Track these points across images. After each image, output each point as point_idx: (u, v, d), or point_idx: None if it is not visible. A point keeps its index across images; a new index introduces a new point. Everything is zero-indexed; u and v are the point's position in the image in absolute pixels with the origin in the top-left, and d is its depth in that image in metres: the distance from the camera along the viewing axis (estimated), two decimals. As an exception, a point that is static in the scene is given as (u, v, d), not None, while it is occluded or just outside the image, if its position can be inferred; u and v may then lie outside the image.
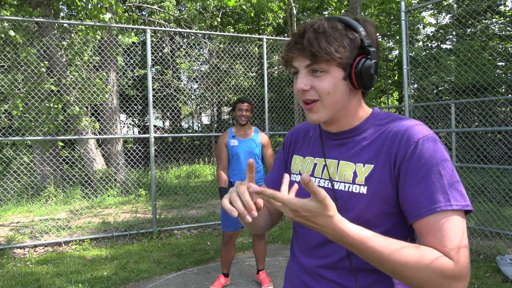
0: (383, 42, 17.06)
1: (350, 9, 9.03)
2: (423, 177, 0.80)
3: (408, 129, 0.86)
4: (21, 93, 6.50)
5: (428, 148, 0.82)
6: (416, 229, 0.81)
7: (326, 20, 0.88)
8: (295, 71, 0.91)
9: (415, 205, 0.80)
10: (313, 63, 0.86)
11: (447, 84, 10.96)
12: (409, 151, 0.82)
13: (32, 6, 7.04)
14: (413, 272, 0.74)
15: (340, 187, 0.91)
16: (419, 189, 0.80)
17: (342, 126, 0.96)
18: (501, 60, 10.83)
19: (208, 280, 3.79)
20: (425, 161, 0.81)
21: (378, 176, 0.86)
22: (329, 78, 0.87)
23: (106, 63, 8.63)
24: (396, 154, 0.84)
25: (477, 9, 10.79)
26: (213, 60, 11.35)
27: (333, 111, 0.90)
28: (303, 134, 1.09)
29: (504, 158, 6.98)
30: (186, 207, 7.24)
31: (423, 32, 15.53)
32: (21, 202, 7.58)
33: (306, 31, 0.86)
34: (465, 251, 0.76)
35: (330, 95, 0.88)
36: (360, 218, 0.85)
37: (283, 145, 1.13)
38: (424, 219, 0.79)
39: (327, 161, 0.96)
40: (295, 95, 0.95)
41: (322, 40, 0.84)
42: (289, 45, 0.89)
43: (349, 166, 0.91)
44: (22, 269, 4.14)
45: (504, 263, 3.69)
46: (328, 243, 0.93)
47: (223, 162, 3.43)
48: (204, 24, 13.02)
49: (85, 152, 8.26)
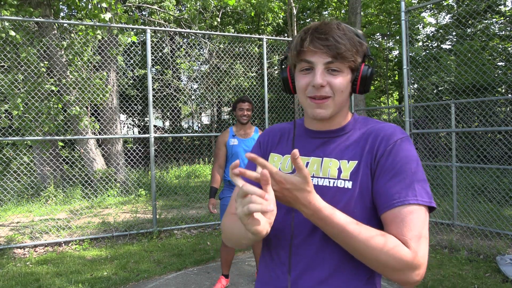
0: (383, 42, 17.05)
1: (350, 9, 9.02)
2: (396, 173, 0.88)
3: (388, 130, 0.94)
4: (21, 93, 6.50)
5: (404, 148, 0.91)
6: (383, 220, 0.88)
7: (343, 23, 0.93)
8: (307, 67, 0.92)
9: (385, 197, 0.87)
10: (333, 61, 0.90)
11: (447, 84, 10.96)
12: (388, 149, 0.91)
13: (32, 6, 7.04)
14: (373, 254, 0.81)
15: (325, 183, 0.94)
16: (391, 183, 0.88)
17: (333, 125, 1.00)
18: (501, 60, 10.83)
19: (208, 280, 3.79)
20: (400, 159, 0.89)
21: (362, 172, 0.92)
22: (343, 77, 0.92)
23: (106, 63, 8.63)
24: (377, 152, 0.92)
25: (477, 9, 10.79)
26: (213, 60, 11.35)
27: (338, 109, 0.95)
28: (280, 134, 1.10)
29: (504, 158, 6.98)
30: (186, 207, 7.24)
31: (423, 32, 15.53)
32: (21, 202, 7.58)
33: (331, 29, 0.89)
34: (424, 242, 0.83)
35: (342, 94, 0.93)
36: (345, 211, 0.89)
37: (258, 143, 1.13)
38: (391, 211, 0.86)
39: (310, 159, 0.99)
40: (300, 90, 0.95)
41: (347, 41, 0.89)
42: (308, 40, 0.90)
43: (333, 162, 0.96)
44: (22, 269, 4.14)
45: (504, 263, 3.69)
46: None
47: (220, 161, 3.44)
48: (204, 24, 13.02)
49: (85, 152, 8.26)
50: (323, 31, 0.89)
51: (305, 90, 0.93)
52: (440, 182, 6.71)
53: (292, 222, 0.96)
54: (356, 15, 8.82)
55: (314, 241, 0.94)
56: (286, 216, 0.97)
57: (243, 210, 0.74)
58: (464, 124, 7.57)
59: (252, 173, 0.78)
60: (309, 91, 0.92)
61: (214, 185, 3.38)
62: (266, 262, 1.04)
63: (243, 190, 0.74)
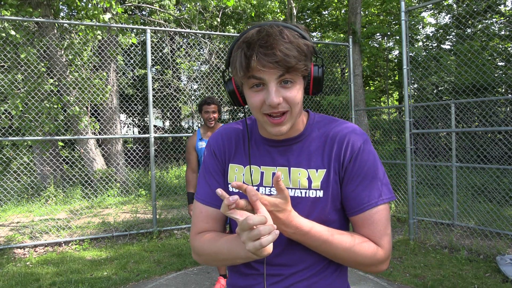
0: (383, 42, 17.05)
1: (350, 9, 9.02)
2: (363, 179, 0.93)
3: (351, 135, 0.96)
4: (21, 93, 6.50)
5: (367, 151, 0.94)
6: (353, 221, 0.95)
7: (283, 27, 0.84)
8: (258, 83, 0.86)
9: (355, 201, 0.93)
10: (284, 74, 0.83)
11: (447, 84, 10.96)
12: (353, 156, 0.94)
13: (32, 6, 7.04)
14: (354, 258, 0.90)
15: (296, 194, 0.94)
16: (359, 188, 0.93)
17: (290, 133, 0.96)
18: (501, 60, 10.83)
19: (208, 280, 3.79)
20: (365, 164, 0.93)
21: (330, 179, 0.94)
22: (297, 88, 0.87)
23: (106, 63, 8.63)
24: (343, 159, 0.94)
25: (477, 9, 10.79)
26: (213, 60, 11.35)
27: (295, 120, 0.91)
28: (235, 141, 1.02)
29: (504, 158, 6.98)
30: (186, 207, 7.24)
31: (423, 32, 15.53)
32: (21, 202, 7.57)
33: (276, 41, 0.81)
34: (388, 238, 0.94)
35: (298, 105, 0.88)
36: (319, 219, 0.93)
37: (212, 152, 1.03)
38: (362, 214, 0.93)
39: (275, 168, 0.96)
40: (254, 108, 0.88)
41: (295, 51, 0.82)
42: (255, 57, 0.82)
43: (301, 172, 0.95)
44: (22, 269, 4.14)
45: (504, 263, 3.69)
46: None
47: (192, 165, 3.41)
48: (204, 24, 13.02)
49: (85, 152, 8.26)
50: (268, 45, 0.81)
51: (260, 108, 0.87)
52: (440, 182, 6.70)
53: None
54: (356, 15, 8.81)
55: (292, 251, 0.96)
56: None
57: (256, 245, 0.72)
58: (464, 124, 7.57)
59: (234, 197, 0.76)
60: (264, 108, 0.87)
61: (190, 190, 3.37)
62: (240, 270, 1.01)
63: (248, 224, 0.72)
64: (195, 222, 1.01)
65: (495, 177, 6.70)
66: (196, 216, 1.01)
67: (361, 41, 8.81)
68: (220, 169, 1.01)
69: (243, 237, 0.74)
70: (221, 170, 1.02)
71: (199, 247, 0.97)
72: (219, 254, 0.92)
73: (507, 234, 4.65)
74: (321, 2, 16.78)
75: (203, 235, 0.98)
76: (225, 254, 0.90)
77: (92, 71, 7.63)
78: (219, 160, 1.02)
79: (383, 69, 17.27)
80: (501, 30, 11.48)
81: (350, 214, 0.95)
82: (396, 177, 6.92)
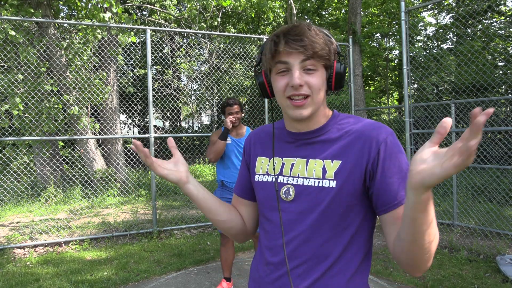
0: (383, 42, 17.04)
1: (350, 9, 9.02)
2: (395, 171, 0.92)
3: (374, 128, 0.96)
4: (21, 93, 6.50)
5: (394, 145, 0.94)
6: (385, 218, 0.92)
7: (313, 24, 0.96)
8: (284, 68, 0.94)
9: (391, 194, 0.91)
10: (309, 59, 0.91)
11: (447, 84, 10.96)
12: (382, 149, 0.93)
13: (32, 7, 7.04)
14: (432, 244, 0.82)
15: (310, 183, 0.98)
16: (394, 181, 0.91)
17: (312, 125, 1.02)
18: (501, 60, 10.82)
19: (208, 280, 3.79)
20: (394, 156, 0.93)
21: (347, 171, 0.94)
22: (319, 75, 0.94)
23: (106, 63, 8.63)
24: (369, 152, 0.94)
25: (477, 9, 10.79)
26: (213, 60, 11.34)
27: (317, 107, 0.97)
28: (264, 137, 1.13)
29: (504, 158, 6.98)
30: (186, 207, 7.24)
31: (424, 32, 15.52)
32: (21, 202, 7.57)
33: (304, 31, 0.92)
34: None
35: (319, 92, 0.95)
36: (329, 210, 0.94)
37: (243, 151, 1.19)
38: (394, 211, 0.91)
39: (295, 160, 1.02)
40: (279, 91, 0.96)
41: (320, 40, 0.92)
42: (283, 42, 0.92)
43: (317, 163, 0.98)
44: (22, 269, 4.14)
45: (504, 263, 3.69)
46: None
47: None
48: (204, 24, 13.02)
49: (85, 152, 8.26)
50: (296, 33, 0.91)
51: (284, 91, 0.95)
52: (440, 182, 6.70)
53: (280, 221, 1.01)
54: (356, 15, 8.81)
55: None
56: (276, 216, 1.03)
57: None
58: (464, 124, 7.57)
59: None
60: (288, 91, 0.94)
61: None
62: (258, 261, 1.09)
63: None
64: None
65: (495, 177, 6.70)
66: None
67: (361, 41, 8.81)
68: (246, 163, 1.17)
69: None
70: (247, 165, 1.16)
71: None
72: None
73: (507, 234, 4.65)
74: (321, 2, 16.78)
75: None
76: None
77: (92, 71, 7.63)
78: (246, 156, 1.17)
79: (383, 69, 17.27)
80: (501, 30, 11.47)
81: (382, 211, 0.93)
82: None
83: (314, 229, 0.96)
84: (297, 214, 0.98)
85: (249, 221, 1.16)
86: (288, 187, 1.00)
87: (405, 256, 0.85)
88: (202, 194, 1.06)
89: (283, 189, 1.01)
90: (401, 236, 0.84)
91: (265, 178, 1.06)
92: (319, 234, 0.96)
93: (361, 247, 0.98)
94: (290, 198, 0.99)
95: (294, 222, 0.98)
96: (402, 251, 0.85)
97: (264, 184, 1.05)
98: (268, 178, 1.05)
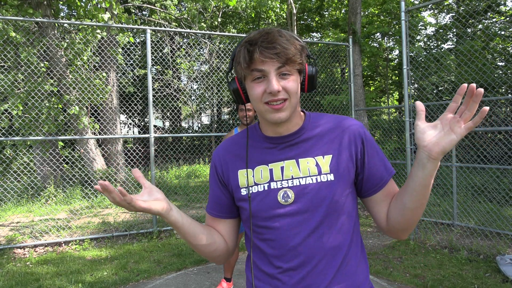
0: (383, 42, 17.04)
1: (350, 9, 9.02)
2: (375, 154, 1.04)
3: (351, 122, 1.06)
4: (21, 93, 6.50)
5: (368, 134, 1.06)
6: (377, 198, 1.04)
7: (282, 29, 0.98)
8: (260, 75, 0.96)
9: (376, 177, 1.03)
10: (284, 66, 0.94)
11: (447, 84, 10.96)
12: (363, 138, 1.04)
13: (32, 7, 7.04)
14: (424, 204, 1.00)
15: (308, 182, 0.99)
16: (376, 165, 1.04)
17: (292, 127, 1.04)
18: (501, 60, 10.82)
19: (208, 280, 3.79)
20: (372, 142, 1.05)
21: (339, 163, 1.01)
22: (293, 79, 0.97)
23: (106, 63, 8.63)
24: (356, 142, 1.03)
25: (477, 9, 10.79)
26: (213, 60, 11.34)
27: (293, 110, 1.00)
28: (237, 149, 1.09)
29: (504, 158, 6.98)
30: (186, 207, 7.24)
31: (424, 32, 15.52)
32: (21, 202, 7.57)
33: (275, 38, 0.93)
34: None
35: (296, 95, 0.98)
36: (333, 202, 0.98)
37: (214, 168, 1.12)
38: (385, 187, 1.04)
39: (284, 163, 1.02)
40: (256, 98, 0.97)
41: (292, 46, 0.95)
42: (257, 51, 0.93)
43: (309, 161, 1.01)
44: (22, 269, 4.15)
45: (504, 263, 3.69)
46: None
47: None
48: (204, 24, 13.02)
49: (85, 152, 8.26)
50: (269, 40, 0.93)
51: (261, 97, 0.96)
52: (440, 182, 6.70)
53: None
54: (356, 15, 8.82)
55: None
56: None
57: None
58: (464, 124, 7.55)
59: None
60: (265, 97, 0.96)
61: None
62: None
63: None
64: None
65: (495, 177, 6.70)
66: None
67: (361, 41, 8.81)
68: (221, 181, 1.10)
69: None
70: (221, 182, 1.10)
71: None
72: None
73: (507, 234, 4.64)
74: (321, 2, 16.78)
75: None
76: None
77: (92, 71, 7.63)
78: (219, 175, 1.10)
79: (383, 69, 17.26)
80: (501, 30, 11.47)
81: (373, 192, 1.04)
82: (396, 177, 6.92)
83: (324, 224, 0.98)
84: (302, 214, 0.98)
85: (230, 238, 1.12)
86: (285, 191, 1.00)
87: (404, 223, 0.98)
88: (185, 219, 1.00)
89: (280, 194, 1.00)
90: (406, 205, 0.96)
91: (255, 188, 1.03)
92: (329, 228, 0.99)
93: (357, 232, 1.06)
94: (290, 201, 0.99)
95: (302, 222, 0.98)
96: (402, 219, 0.98)
97: (254, 196, 1.02)
98: (258, 188, 1.02)
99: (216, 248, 1.07)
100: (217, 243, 1.07)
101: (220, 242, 1.09)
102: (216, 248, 1.07)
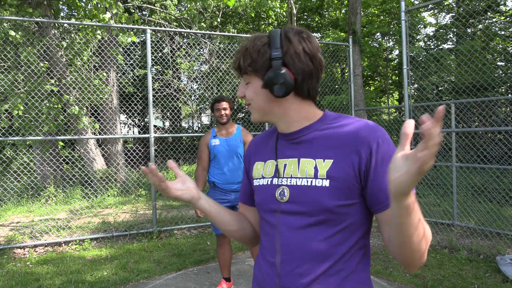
0: (383, 42, 17.04)
1: (350, 9, 9.02)
2: (384, 170, 0.93)
3: (366, 128, 0.97)
4: (21, 93, 6.50)
5: (385, 144, 0.95)
6: (380, 217, 0.95)
7: (254, 38, 1.01)
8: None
9: (385, 193, 0.92)
10: (241, 75, 1.05)
11: (447, 84, 10.96)
12: (373, 149, 0.94)
13: (32, 7, 7.03)
14: (422, 241, 0.85)
15: (303, 183, 0.99)
16: (387, 180, 0.89)
17: (292, 127, 1.05)
18: (501, 60, 10.82)
19: (208, 280, 3.79)
20: (383, 156, 0.93)
21: (339, 170, 0.95)
22: (252, 87, 1.03)
23: (106, 63, 8.63)
24: (361, 152, 0.94)
25: (477, 9, 10.79)
26: (213, 60, 11.34)
27: (262, 113, 1.05)
28: (263, 142, 1.17)
29: (504, 158, 6.98)
30: (186, 207, 7.24)
31: (424, 32, 15.53)
32: (21, 202, 7.57)
33: (239, 49, 1.03)
34: None
35: (254, 101, 1.04)
36: (323, 209, 0.95)
37: (244, 159, 1.24)
38: (387, 211, 0.92)
39: (287, 160, 1.04)
40: None
41: (241, 57, 1.01)
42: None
43: (309, 162, 1.00)
44: (22, 269, 4.15)
45: (504, 263, 3.69)
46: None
47: (203, 163, 3.42)
48: (204, 24, 13.02)
49: (85, 152, 8.26)
50: (235, 52, 1.04)
51: None
52: (440, 182, 6.71)
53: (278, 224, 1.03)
54: (356, 15, 8.82)
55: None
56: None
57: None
58: (464, 124, 7.57)
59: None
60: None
61: (199, 187, 3.36)
62: (259, 264, 1.10)
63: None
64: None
65: (495, 177, 6.70)
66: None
67: (361, 41, 8.81)
68: (246, 171, 1.21)
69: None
70: (247, 171, 1.21)
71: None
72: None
73: (507, 234, 4.65)
74: (321, 2, 16.77)
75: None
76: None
77: (92, 71, 7.63)
78: (246, 163, 1.21)
79: (383, 69, 17.26)
80: (501, 30, 11.47)
81: (377, 210, 0.94)
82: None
83: (312, 229, 0.96)
84: (293, 213, 0.99)
85: (258, 225, 1.19)
86: (283, 188, 1.01)
87: (398, 255, 0.88)
88: (214, 207, 1.11)
89: (278, 190, 1.02)
90: (391, 238, 0.88)
91: (261, 181, 1.09)
92: (318, 233, 0.96)
93: (359, 246, 0.99)
94: (285, 199, 1.00)
95: (291, 222, 0.99)
96: (395, 250, 0.88)
97: (260, 188, 1.09)
98: (263, 181, 1.08)
99: (244, 234, 1.17)
100: (245, 229, 1.17)
101: (248, 228, 1.18)
102: (245, 234, 1.17)
